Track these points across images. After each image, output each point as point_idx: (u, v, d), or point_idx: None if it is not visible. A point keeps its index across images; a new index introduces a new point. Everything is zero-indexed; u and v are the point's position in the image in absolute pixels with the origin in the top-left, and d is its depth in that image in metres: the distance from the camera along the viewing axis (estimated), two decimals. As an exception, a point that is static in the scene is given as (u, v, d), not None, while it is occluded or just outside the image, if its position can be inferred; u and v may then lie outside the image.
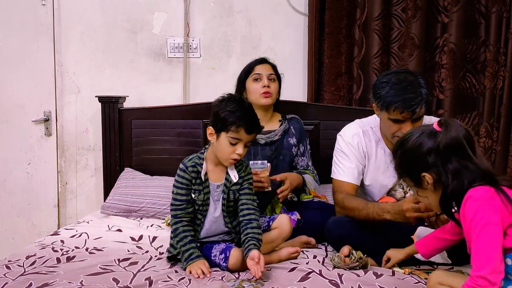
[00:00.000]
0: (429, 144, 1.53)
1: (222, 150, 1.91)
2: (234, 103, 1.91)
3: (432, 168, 1.52)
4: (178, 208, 1.93)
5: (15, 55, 3.20)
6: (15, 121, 3.24)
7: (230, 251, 1.89)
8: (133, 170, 2.98)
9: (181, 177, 1.94)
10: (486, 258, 1.39)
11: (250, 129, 1.88)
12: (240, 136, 1.88)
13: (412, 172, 1.58)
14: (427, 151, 1.53)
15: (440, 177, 1.51)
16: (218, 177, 1.97)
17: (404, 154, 1.60)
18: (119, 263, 1.94)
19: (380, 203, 2.02)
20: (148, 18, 3.18)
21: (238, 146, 1.89)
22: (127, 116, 3.01)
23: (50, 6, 3.16)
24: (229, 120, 1.87)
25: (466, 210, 1.45)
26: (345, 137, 2.22)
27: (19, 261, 1.92)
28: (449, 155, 1.50)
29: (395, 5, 2.95)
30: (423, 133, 1.56)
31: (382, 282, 1.77)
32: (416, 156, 1.55)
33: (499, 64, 2.90)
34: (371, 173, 2.21)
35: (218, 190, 1.96)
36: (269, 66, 2.55)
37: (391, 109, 1.99)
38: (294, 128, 2.58)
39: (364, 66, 2.98)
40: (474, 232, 1.42)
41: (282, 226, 2.06)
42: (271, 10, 3.14)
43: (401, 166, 1.63)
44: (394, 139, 2.09)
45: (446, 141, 1.51)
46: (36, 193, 3.28)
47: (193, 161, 1.95)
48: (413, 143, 1.56)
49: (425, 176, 1.53)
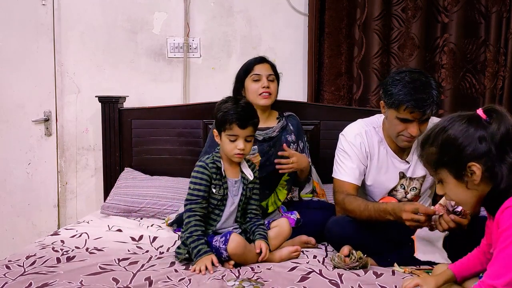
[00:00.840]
0: (480, 131, 1.37)
1: (226, 148, 2.03)
2: (228, 103, 2.04)
3: (483, 158, 1.36)
4: (193, 202, 2.00)
5: (15, 55, 3.20)
6: (15, 121, 3.24)
7: (230, 235, 1.93)
8: (133, 170, 2.98)
9: (200, 173, 2.01)
10: (505, 269, 1.31)
11: (242, 124, 1.99)
12: (236, 132, 1.99)
13: (456, 161, 1.40)
14: (479, 138, 1.36)
15: (492, 169, 1.35)
16: (234, 174, 2.09)
17: (446, 141, 1.41)
18: (119, 263, 1.94)
19: (381, 204, 2.01)
20: (148, 18, 3.18)
21: (238, 141, 2.00)
22: (127, 116, 3.01)
23: (50, 6, 3.16)
24: (223, 120, 2.00)
25: (502, 219, 1.34)
26: (348, 137, 2.22)
27: (19, 261, 1.92)
28: (506, 146, 1.36)
29: (395, 5, 2.95)
30: (466, 119, 1.40)
31: (382, 282, 1.77)
32: (464, 144, 1.38)
33: (499, 64, 2.90)
34: (373, 174, 2.21)
35: (235, 185, 2.07)
36: (268, 66, 2.55)
37: (402, 108, 1.98)
38: (292, 125, 2.59)
39: (364, 66, 2.98)
40: (502, 242, 1.33)
41: (281, 225, 2.10)
42: (271, 10, 3.14)
43: (440, 155, 1.43)
44: (398, 138, 2.08)
45: (503, 130, 1.35)
46: (36, 193, 3.28)
47: (211, 159, 2.05)
48: (460, 129, 1.39)
49: (474, 166, 1.37)
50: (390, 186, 2.20)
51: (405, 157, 2.19)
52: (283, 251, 2.04)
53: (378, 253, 2.00)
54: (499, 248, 1.34)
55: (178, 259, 1.98)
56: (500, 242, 1.33)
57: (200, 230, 1.96)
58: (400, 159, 2.19)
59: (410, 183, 2.17)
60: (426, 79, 2.01)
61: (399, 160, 2.19)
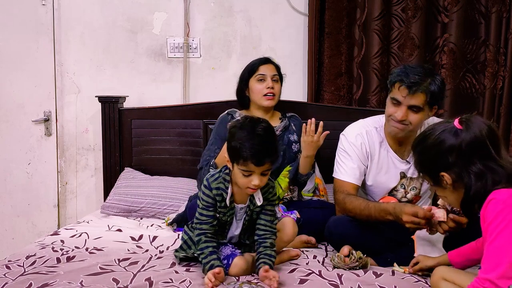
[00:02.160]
0: (450, 142, 1.45)
1: (239, 181, 1.82)
2: (246, 131, 1.77)
3: (452, 168, 1.45)
4: (203, 223, 1.87)
5: (15, 55, 3.20)
6: (15, 121, 3.25)
7: (233, 259, 1.87)
8: (133, 170, 2.98)
9: (206, 196, 1.87)
10: (497, 261, 1.35)
11: (259, 162, 1.74)
12: (250, 169, 1.75)
13: (431, 170, 1.51)
14: (448, 149, 1.45)
15: (461, 178, 1.44)
16: (243, 199, 1.90)
17: (424, 150, 1.52)
18: (119, 263, 1.94)
19: (382, 204, 2.01)
20: (148, 18, 3.18)
21: (253, 177, 1.77)
22: (127, 116, 3.01)
23: (50, 6, 3.16)
24: (237, 153, 1.75)
25: (487, 212, 1.39)
26: (349, 137, 2.22)
27: (19, 261, 1.92)
28: (471, 155, 1.43)
29: (395, 5, 2.95)
30: (445, 130, 1.48)
31: (382, 282, 1.77)
32: (436, 154, 1.48)
33: (499, 64, 2.90)
34: (374, 174, 2.21)
35: (241, 211, 1.92)
36: (273, 67, 2.56)
37: (396, 85, 2.02)
38: (295, 125, 2.60)
39: (364, 66, 2.98)
40: (490, 234, 1.37)
41: (286, 228, 2.03)
42: (271, 10, 3.14)
43: (420, 163, 1.55)
44: (388, 123, 2.11)
45: (468, 140, 1.43)
46: (36, 193, 3.28)
47: (218, 183, 1.86)
48: (434, 139, 1.49)
49: (444, 176, 1.47)
50: (390, 186, 2.20)
51: (406, 157, 2.19)
52: (283, 255, 2.02)
53: (378, 253, 2.00)
54: (488, 242, 1.38)
55: (176, 257, 1.96)
56: (488, 236, 1.38)
57: (211, 247, 1.85)
58: (400, 159, 2.19)
59: (410, 183, 2.17)
60: (431, 72, 2.04)
61: (399, 160, 2.19)
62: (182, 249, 1.99)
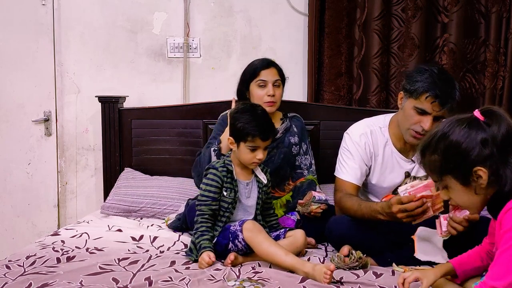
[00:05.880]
0: (481, 134, 1.34)
1: (244, 158, 2.06)
2: (248, 113, 2.06)
3: (487, 162, 1.33)
4: (203, 204, 2.04)
5: (15, 55, 3.20)
6: (15, 121, 3.24)
7: (246, 221, 1.99)
8: (133, 170, 2.98)
9: (212, 174, 2.05)
10: (506, 271, 1.30)
11: (265, 137, 2.03)
12: (257, 144, 2.03)
13: (461, 167, 1.37)
14: (481, 141, 1.34)
15: (497, 172, 1.33)
16: (245, 176, 2.12)
17: (449, 147, 1.38)
18: (119, 263, 1.94)
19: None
20: (148, 18, 3.18)
21: (258, 152, 2.04)
22: (127, 116, 3.01)
23: (50, 6, 3.16)
24: (245, 131, 2.02)
25: (505, 219, 1.33)
26: (353, 136, 2.21)
27: (19, 261, 1.92)
28: (506, 148, 1.33)
29: (395, 5, 2.95)
30: (471, 123, 1.37)
31: (382, 282, 1.77)
32: (468, 149, 1.35)
33: (499, 64, 2.90)
34: (378, 173, 2.21)
35: (247, 187, 2.11)
36: (275, 71, 2.49)
37: (424, 96, 1.96)
38: (296, 126, 2.59)
39: (364, 66, 2.98)
40: (505, 242, 1.31)
41: (297, 237, 2.06)
42: (271, 10, 3.14)
43: (444, 162, 1.40)
44: (407, 133, 2.06)
45: (503, 131, 1.33)
46: (36, 193, 3.28)
47: (222, 163, 2.09)
48: (461, 133, 1.36)
49: (480, 170, 1.34)
50: (395, 186, 2.20)
51: (410, 156, 2.19)
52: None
53: (378, 253, 2.00)
54: (501, 249, 1.33)
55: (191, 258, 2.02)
56: (503, 243, 1.32)
57: (205, 226, 2.01)
58: (405, 158, 2.19)
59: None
60: (452, 78, 2.03)
61: (404, 160, 2.19)
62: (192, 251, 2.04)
